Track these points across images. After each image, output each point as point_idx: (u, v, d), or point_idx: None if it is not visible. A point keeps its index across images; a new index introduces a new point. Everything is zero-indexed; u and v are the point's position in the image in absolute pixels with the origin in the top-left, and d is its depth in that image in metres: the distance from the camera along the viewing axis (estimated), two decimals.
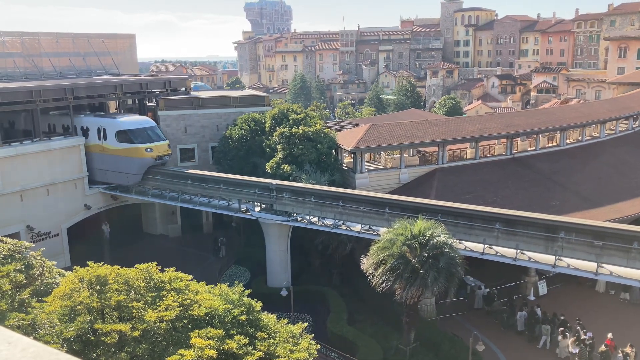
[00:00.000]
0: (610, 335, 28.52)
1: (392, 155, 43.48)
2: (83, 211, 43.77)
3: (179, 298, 16.19)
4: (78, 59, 70.32)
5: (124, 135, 41.98)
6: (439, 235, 26.61)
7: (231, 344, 15.04)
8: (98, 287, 15.92)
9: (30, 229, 39.82)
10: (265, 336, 17.03)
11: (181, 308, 15.97)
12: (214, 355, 14.19)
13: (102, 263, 17.18)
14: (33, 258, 20.58)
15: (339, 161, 43.80)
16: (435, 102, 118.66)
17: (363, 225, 32.88)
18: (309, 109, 71.94)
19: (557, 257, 26.96)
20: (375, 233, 31.47)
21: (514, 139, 45.64)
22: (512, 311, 32.99)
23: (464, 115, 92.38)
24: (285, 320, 18.76)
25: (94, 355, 15.04)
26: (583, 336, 29.09)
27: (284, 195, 35.92)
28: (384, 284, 26.38)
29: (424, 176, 42.15)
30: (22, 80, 56.69)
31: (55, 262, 21.91)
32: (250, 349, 15.62)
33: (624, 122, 54.79)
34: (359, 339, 29.34)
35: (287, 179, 38.21)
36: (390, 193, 38.52)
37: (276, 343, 16.96)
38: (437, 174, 41.93)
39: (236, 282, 19.78)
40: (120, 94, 48.64)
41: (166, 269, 17.98)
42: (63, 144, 42.52)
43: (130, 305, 15.82)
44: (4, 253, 20.38)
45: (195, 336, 14.72)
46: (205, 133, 49.22)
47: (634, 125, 54.94)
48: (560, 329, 29.84)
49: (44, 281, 19.55)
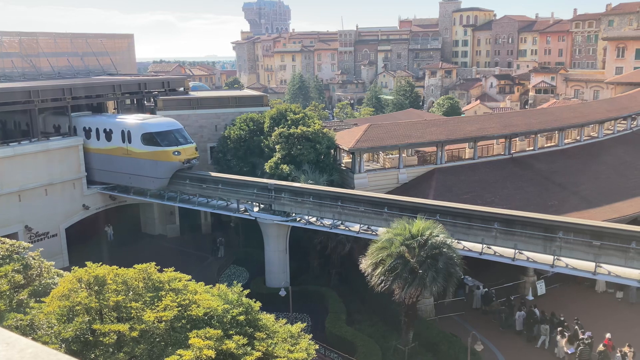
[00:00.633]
0: (608, 335, 28.56)
1: (391, 155, 43.49)
2: (81, 211, 43.71)
3: (177, 298, 16.18)
4: (76, 59, 70.31)
5: (150, 138, 40.13)
6: (438, 235, 26.63)
7: (230, 344, 15.04)
8: (96, 288, 15.90)
9: (29, 230, 39.77)
10: (264, 336, 17.03)
11: (180, 308, 15.96)
12: (213, 356, 14.18)
13: (101, 263, 17.16)
14: (31, 258, 20.55)
15: (337, 161, 43.82)
16: (433, 102, 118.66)
17: (362, 225, 32.89)
18: (308, 109, 71.95)
19: (556, 257, 26.99)
20: (373, 233, 31.48)
21: (513, 139, 45.68)
22: (511, 311, 33.02)
23: (462, 115, 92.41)
24: (284, 321, 18.76)
25: (93, 355, 15.02)
26: (581, 336, 29.13)
27: (283, 195, 35.91)
28: (383, 284, 26.39)
29: (423, 176, 42.17)
30: (20, 81, 56.65)
31: (53, 263, 21.88)
32: (248, 349, 15.62)
33: (622, 122, 54.88)
34: (357, 339, 29.34)
35: (286, 179, 38.20)
36: (388, 193, 38.53)
37: (275, 343, 16.96)
38: (436, 174, 41.95)
39: (235, 282, 19.77)
40: (118, 94, 48.60)
41: (165, 269, 17.96)
42: (61, 144, 42.46)
43: (128, 305, 15.80)
44: (2, 253, 20.36)
45: (194, 336, 14.71)
46: (204, 133, 49.21)
47: (632, 125, 55.01)
48: (559, 329, 29.88)
49: (42, 281, 19.52)
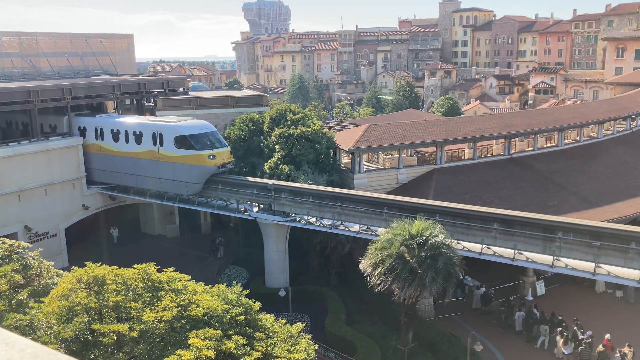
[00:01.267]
0: (608, 335, 28.57)
1: (391, 156, 43.50)
2: (81, 211, 43.70)
3: (177, 298, 16.18)
4: (76, 59, 70.34)
5: (183, 141, 38.24)
6: (437, 236, 26.63)
7: (229, 345, 15.04)
8: (96, 288, 15.90)
9: (28, 230, 39.77)
10: (264, 336, 17.02)
11: (179, 308, 15.96)
12: (212, 356, 14.18)
13: (100, 263, 17.16)
14: (31, 258, 20.53)
15: (337, 161, 43.81)
16: (433, 103, 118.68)
17: (361, 226, 32.89)
18: (307, 109, 72.03)
19: (555, 257, 26.99)
20: (373, 233, 31.48)
21: (512, 139, 45.70)
22: (510, 311, 33.03)
23: (462, 115, 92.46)
24: (284, 321, 18.75)
25: (92, 355, 15.02)
26: (581, 336, 29.14)
27: (282, 196, 35.90)
28: (382, 284, 26.39)
29: (422, 176, 42.18)
30: (20, 81, 56.64)
31: (53, 263, 21.87)
32: (248, 349, 15.62)
33: (622, 123, 54.91)
34: (357, 339, 29.34)
35: (286, 179, 38.22)
36: (388, 193, 38.54)
37: (274, 343, 16.96)
38: (436, 174, 41.96)
39: (234, 283, 19.77)
40: (118, 94, 48.61)
41: (164, 270, 17.96)
42: (61, 144, 42.45)
43: (128, 305, 15.80)
44: (1, 254, 20.35)
45: (194, 336, 14.71)
46: None
47: (632, 126, 55.04)
48: (558, 329, 29.89)
49: (42, 282, 19.51)
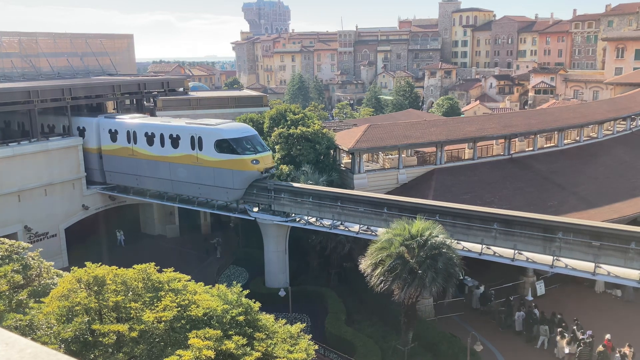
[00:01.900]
0: (608, 335, 28.56)
1: (390, 156, 43.51)
2: (81, 211, 43.70)
3: (177, 298, 16.18)
4: (76, 59, 70.35)
5: (225, 145, 36.53)
6: (437, 236, 26.63)
7: (229, 345, 15.04)
8: (96, 288, 15.90)
9: (28, 230, 39.76)
10: (264, 337, 17.02)
11: (179, 308, 15.96)
12: (212, 356, 14.18)
13: (100, 264, 17.16)
14: (31, 259, 20.53)
15: (337, 161, 43.81)
16: (433, 103, 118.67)
17: (361, 226, 32.88)
18: (307, 110, 72.01)
19: (555, 258, 26.99)
20: (373, 233, 31.47)
21: (512, 140, 45.70)
22: (510, 311, 33.02)
23: (462, 115, 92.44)
24: (284, 321, 18.75)
25: (92, 355, 15.02)
26: (581, 336, 29.13)
27: (282, 196, 35.87)
28: (382, 285, 26.38)
29: (422, 176, 42.18)
30: (20, 81, 56.63)
31: (53, 263, 21.87)
32: (248, 349, 15.62)
33: (622, 123, 54.92)
34: (357, 340, 29.35)
35: (285, 179, 38.22)
36: (388, 193, 38.53)
37: (274, 343, 16.96)
38: (435, 174, 41.96)
39: (234, 283, 19.78)
40: (118, 94, 48.64)
41: (164, 270, 17.97)
42: (61, 145, 42.44)
43: (128, 305, 15.80)
44: (1, 254, 20.35)
45: (193, 337, 14.71)
46: None
47: (632, 126, 55.05)
48: (559, 329, 29.89)
49: (42, 282, 19.51)
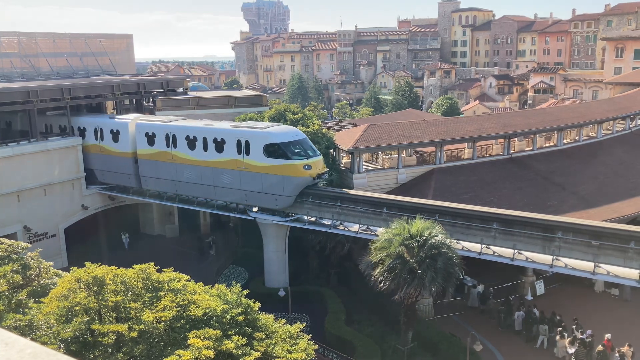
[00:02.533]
0: (608, 335, 28.57)
1: (390, 156, 43.51)
2: (80, 211, 43.69)
3: (176, 298, 16.18)
4: (75, 59, 70.31)
5: (275, 150, 34.48)
6: (437, 235, 26.64)
7: (229, 345, 15.04)
8: (95, 288, 15.90)
9: (28, 230, 39.74)
10: (263, 336, 17.03)
11: (179, 308, 15.96)
12: (212, 356, 14.18)
13: (100, 264, 17.16)
14: (30, 259, 20.54)
15: (336, 161, 43.81)
16: (432, 103, 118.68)
17: (361, 226, 32.86)
18: (307, 109, 72.02)
19: (555, 257, 26.98)
20: (373, 233, 31.46)
21: (512, 139, 45.72)
22: (510, 311, 33.04)
23: (461, 115, 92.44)
24: (283, 321, 18.75)
25: (92, 355, 15.02)
26: (580, 335, 29.15)
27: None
28: (382, 284, 26.40)
29: (422, 176, 42.19)
30: (19, 81, 56.61)
31: (52, 263, 21.87)
32: (247, 349, 15.62)
33: (621, 122, 54.94)
34: (356, 339, 29.34)
35: None
36: (388, 193, 38.53)
37: (274, 343, 16.96)
38: (435, 174, 41.97)
39: (234, 283, 19.77)
40: (117, 94, 48.61)
41: (164, 270, 17.97)
42: (60, 144, 42.41)
43: (127, 305, 15.80)
44: (0, 254, 20.35)
45: (193, 336, 14.71)
46: None
47: (631, 125, 55.08)
48: (558, 329, 29.91)
49: (41, 282, 19.51)
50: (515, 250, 28.02)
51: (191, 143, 38.17)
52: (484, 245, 28.75)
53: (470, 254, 28.92)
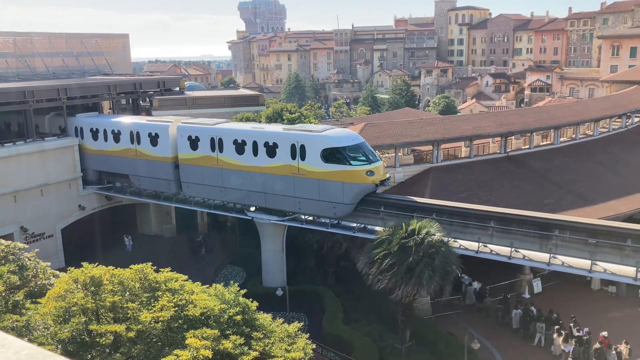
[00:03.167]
0: (605, 333, 28.66)
1: (387, 154, 43.53)
2: (77, 212, 43.58)
3: (174, 298, 16.17)
4: (71, 59, 70.06)
5: (334, 155, 32.40)
6: (434, 234, 26.68)
7: (227, 344, 15.03)
8: (93, 288, 15.88)
9: (24, 230, 39.64)
10: (261, 336, 17.03)
11: (176, 308, 15.94)
12: (210, 356, 14.18)
13: (97, 264, 17.13)
14: (27, 259, 20.50)
15: None
16: (429, 101, 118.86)
17: (358, 225, 32.89)
18: (304, 109, 72.00)
19: (552, 255, 27.05)
20: (370, 232, 31.48)
21: (508, 138, 45.79)
22: (507, 309, 33.10)
23: (458, 114, 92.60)
24: (281, 320, 18.77)
25: (89, 356, 14.99)
26: (576, 333, 29.22)
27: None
28: (379, 283, 26.44)
29: (419, 175, 42.21)
30: (15, 81, 56.43)
31: (49, 263, 21.83)
32: (245, 349, 15.62)
33: (617, 120, 55.08)
34: (354, 338, 29.36)
35: None
36: (384, 192, 38.53)
37: (272, 343, 16.96)
38: (432, 172, 42.00)
39: (231, 282, 19.76)
40: (114, 94, 48.50)
41: (161, 270, 17.95)
42: (56, 145, 42.30)
43: (125, 306, 15.78)
44: None
45: (191, 336, 14.70)
46: None
47: (627, 123, 55.24)
48: (556, 327, 29.98)
49: (38, 282, 19.48)
50: (513, 249, 28.06)
51: (239, 147, 35.87)
52: (481, 244, 28.80)
53: (468, 252, 28.95)
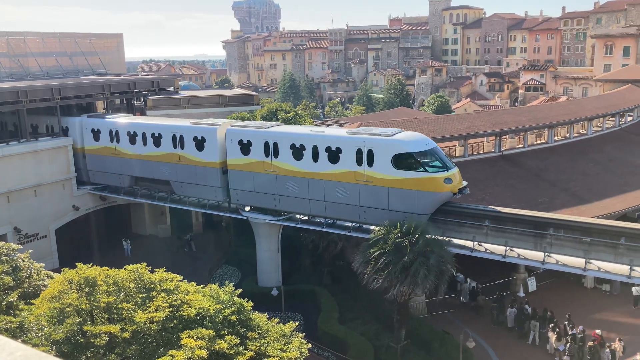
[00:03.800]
0: (598, 331, 28.80)
1: None
2: (71, 212, 43.39)
3: (169, 299, 16.13)
4: (65, 59, 69.84)
5: (407, 160, 30.02)
6: (429, 233, 26.71)
7: (222, 344, 15.01)
8: (87, 289, 15.81)
9: (18, 231, 39.43)
10: (256, 336, 17.01)
11: (171, 309, 15.90)
12: (205, 356, 14.15)
13: (91, 264, 17.06)
14: (21, 260, 20.40)
15: None
16: (424, 101, 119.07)
17: (353, 224, 32.89)
18: (299, 108, 71.91)
19: (546, 254, 27.14)
20: (365, 232, 31.49)
21: (503, 137, 45.90)
22: (502, 308, 33.21)
23: (452, 113, 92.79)
24: (276, 320, 18.75)
25: (84, 357, 14.93)
26: (570, 331, 29.34)
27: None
28: (375, 282, 26.46)
29: None
30: (8, 81, 56.15)
31: (43, 264, 21.73)
32: (241, 348, 15.60)
33: (611, 119, 55.32)
34: (350, 338, 29.37)
35: None
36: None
37: (267, 343, 16.94)
38: None
39: (227, 282, 19.72)
40: (108, 94, 48.30)
41: (156, 270, 17.90)
42: (50, 145, 42.09)
43: (119, 306, 15.73)
44: None
45: (186, 337, 14.67)
46: None
47: (621, 122, 55.50)
48: (550, 325, 30.10)
49: (32, 283, 19.39)
50: (507, 248, 28.13)
51: (297, 152, 33.37)
52: (476, 243, 28.86)
53: (463, 251, 28.99)
